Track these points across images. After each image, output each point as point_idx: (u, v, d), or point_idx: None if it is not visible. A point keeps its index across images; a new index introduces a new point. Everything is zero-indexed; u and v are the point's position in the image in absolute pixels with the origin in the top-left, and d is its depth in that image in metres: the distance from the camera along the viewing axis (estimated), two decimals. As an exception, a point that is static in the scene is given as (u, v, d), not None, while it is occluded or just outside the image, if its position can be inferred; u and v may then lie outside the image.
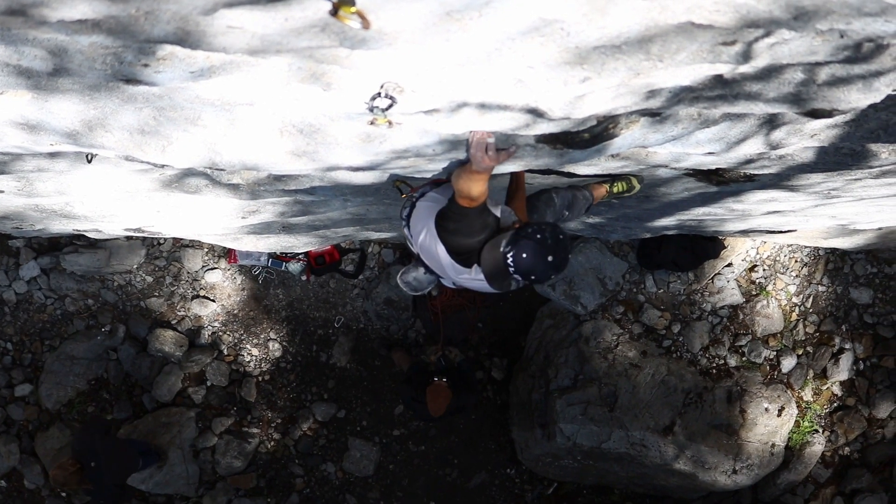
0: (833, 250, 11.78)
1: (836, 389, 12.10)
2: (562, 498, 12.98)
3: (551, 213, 6.40)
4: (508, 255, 4.88)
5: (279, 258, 11.87)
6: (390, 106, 3.61)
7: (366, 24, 2.80)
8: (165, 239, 11.85)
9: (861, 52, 3.35)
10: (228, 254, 11.89)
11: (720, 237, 11.09)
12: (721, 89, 3.81)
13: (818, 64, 3.51)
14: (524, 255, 4.86)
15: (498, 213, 5.14)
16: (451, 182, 4.84)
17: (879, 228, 9.43)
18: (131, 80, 3.45)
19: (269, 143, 4.16)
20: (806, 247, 11.76)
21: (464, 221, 5.09)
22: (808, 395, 12.04)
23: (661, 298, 11.83)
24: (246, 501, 12.51)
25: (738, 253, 11.61)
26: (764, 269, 11.83)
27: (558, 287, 11.51)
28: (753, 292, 11.85)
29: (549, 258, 4.88)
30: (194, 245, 11.93)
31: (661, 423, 11.18)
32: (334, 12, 2.78)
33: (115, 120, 3.95)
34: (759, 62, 3.43)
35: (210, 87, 3.57)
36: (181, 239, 11.71)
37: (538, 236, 4.89)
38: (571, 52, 3.17)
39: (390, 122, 3.86)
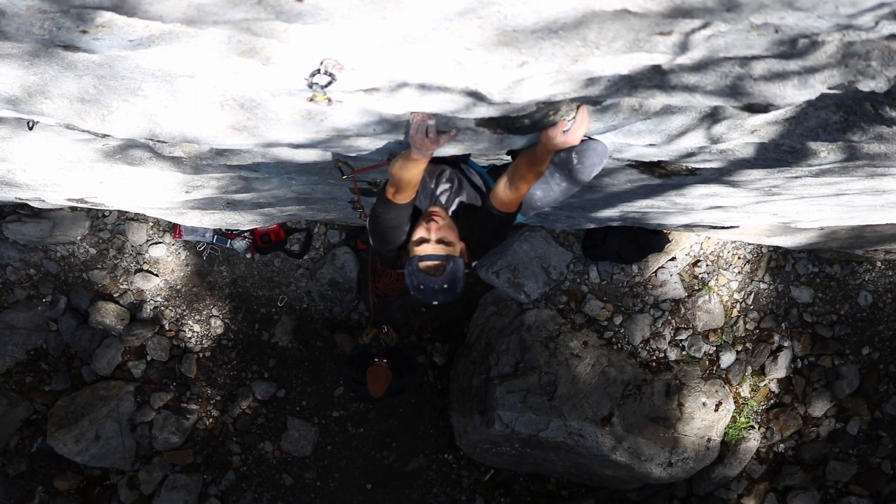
0: (776, 248, 11.89)
1: (774, 387, 12.24)
2: (498, 485, 13.04)
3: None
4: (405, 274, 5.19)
5: (224, 235, 11.83)
6: (330, 83, 3.60)
7: (299, -5, 2.79)
8: (110, 211, 11.77)
9: (796, 48, 3.38)
10: (173, 229, 11.82)
11: (664, 231, 11.14)
12: (660, 80, 3.83)
13: (755, 58, 3.54)
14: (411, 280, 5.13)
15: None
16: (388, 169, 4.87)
17: (821, 228, 9.52)
18: (70, 47, 3.42)
19: (209, 117, 4.14)
20: (749, 244, 11.86)
21: (382, 218, 5.16)
22: (745, 391, 12.16)
23: (605, 290, 11.89)
24: (182, 477, 12.47)
25: (682, 247, 11.68)
26: (707, 265, 11.91)
27: (502, 274, 11.53)
28: (696, 287, 11.94)
29: (420, 286, 5.09)
30: (139, 218, 11.85)
31: (599, 414, 11.24)
32: (267, -17, 2.78)
33: (54, 87, 3.91)
34: (696, 54, 3.45)
35: (150, 56, 3.55)
36: (126, 212, 11.61)
37: (408, 268, 5.13)
38: (509, 35, 3.17)
39: (330, 100, 3.85)
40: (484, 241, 5.48)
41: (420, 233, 5.09)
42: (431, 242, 5.05)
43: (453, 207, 5.46)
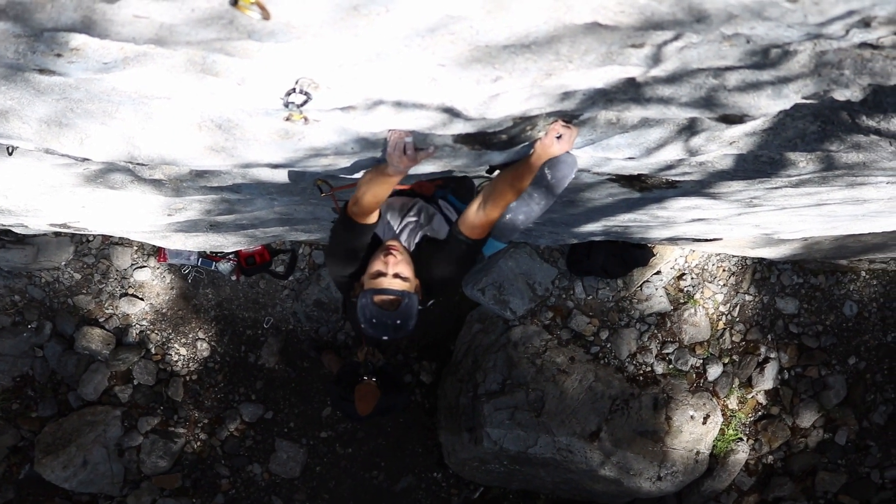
0: (760, 260, 11.90)
1: (761, 398, 12.23)
2: (488, 503, 13.01)
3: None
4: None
5: (209, 257, 11.80)
6: (305, 102, 3.60)
7: (265, 14, 2.77)
8: (94, 236, 11.74)
9: (769, 58, 3.38)
10: (158, 252, 11.80)
11: (649, 245, 11.15)
12: (635, 93, 3.83)
13: (728, 69, 3.55)
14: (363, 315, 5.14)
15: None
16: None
17: (804, 239, 9.52)
18: (45, 71, 3.41)
19: (187, 138, 4.13)
20: (734, 256, 11.87)
21: (340, 237, 5.19)
22: (733, 403, 12.16)
23: (590, 305, 11.89)
24: (171, 502, 12.41)
25: (667, 261, 11.69)
26: (692, 278, 11.92)
27: (488, 291, 11.52)
28: (681, 300, 11.94)
29: (373, 320, 5.10)
30: (123, 243, 11.82)
31: (587, 429, 11.23)
32: (234, 2, 2.77)
33: (31, 111, 3.90)
34: (670, 66, 3.46)
35: (125, 79, 3.53)
36: (110, 236, 11.59)
37: (362, 300, 5.13)
38: (482, 50, 3.17)
39: (306, 119, 3.85)
40: (445, 275, 5.47)
41: (377, 266, 5.12)
42: (388, 276, 5.09)
43: (416, 240, 5.47)
